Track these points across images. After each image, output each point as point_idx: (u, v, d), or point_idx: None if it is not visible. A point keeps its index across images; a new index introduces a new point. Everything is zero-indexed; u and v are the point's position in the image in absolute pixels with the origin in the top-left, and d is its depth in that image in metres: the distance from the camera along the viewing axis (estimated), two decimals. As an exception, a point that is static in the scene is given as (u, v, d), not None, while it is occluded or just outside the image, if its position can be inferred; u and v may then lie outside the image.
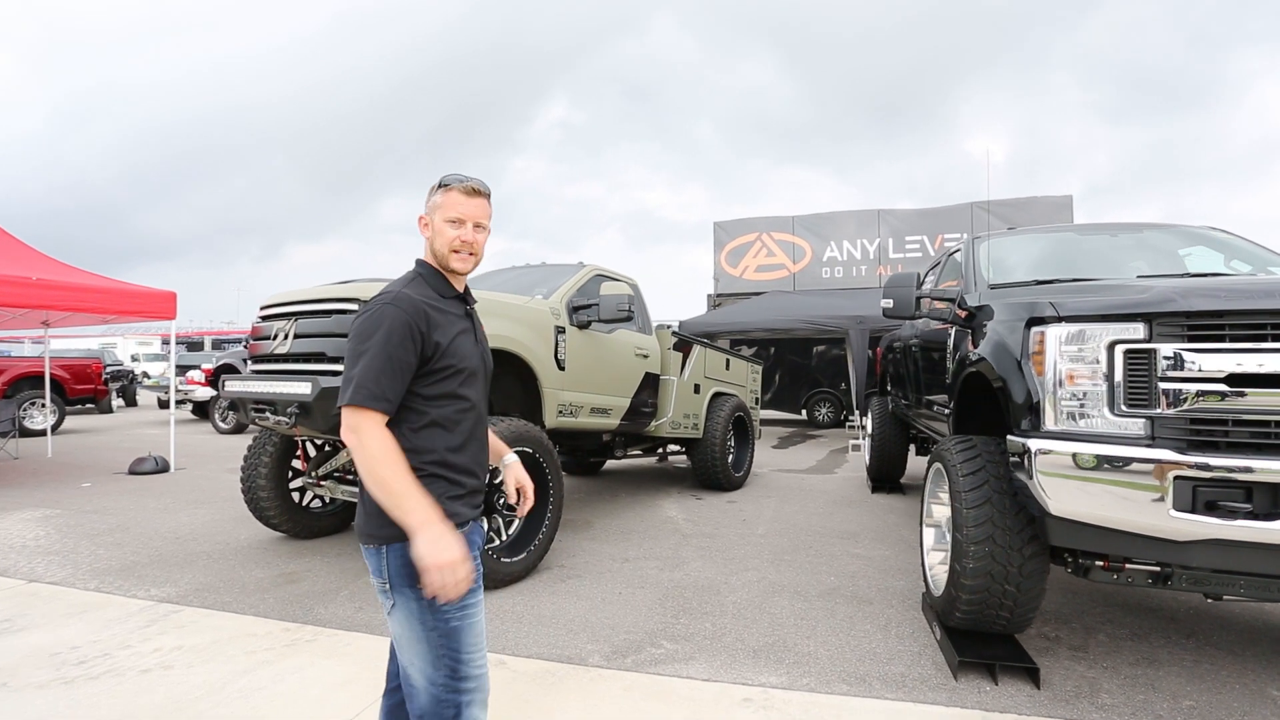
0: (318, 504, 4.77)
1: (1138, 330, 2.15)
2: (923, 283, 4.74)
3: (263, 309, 3.98)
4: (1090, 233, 3.98)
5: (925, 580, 3.17)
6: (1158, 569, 2.38)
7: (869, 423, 6.99)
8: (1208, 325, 2.10)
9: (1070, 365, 2.25)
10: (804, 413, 14.58)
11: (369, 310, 1.43)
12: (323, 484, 4.26)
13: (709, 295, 17.44)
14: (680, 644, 2.90)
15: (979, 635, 2.75)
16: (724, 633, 3.02)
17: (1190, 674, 2.67)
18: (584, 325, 4.70)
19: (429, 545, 1.31)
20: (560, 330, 4.48)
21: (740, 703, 2.39)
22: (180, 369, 12.69)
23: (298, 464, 4.56)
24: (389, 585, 1.40)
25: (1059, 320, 2.30)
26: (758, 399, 8.26)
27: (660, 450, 6.88)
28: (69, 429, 12.17)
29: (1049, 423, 2.28)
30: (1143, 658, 2.81)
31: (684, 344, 6.27)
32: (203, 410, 12.92)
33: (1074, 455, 2.17)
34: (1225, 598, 2.50)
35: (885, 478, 6.64)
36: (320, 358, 3.50)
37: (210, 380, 11.95)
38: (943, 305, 3.67)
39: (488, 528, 3.68)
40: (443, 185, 1.53)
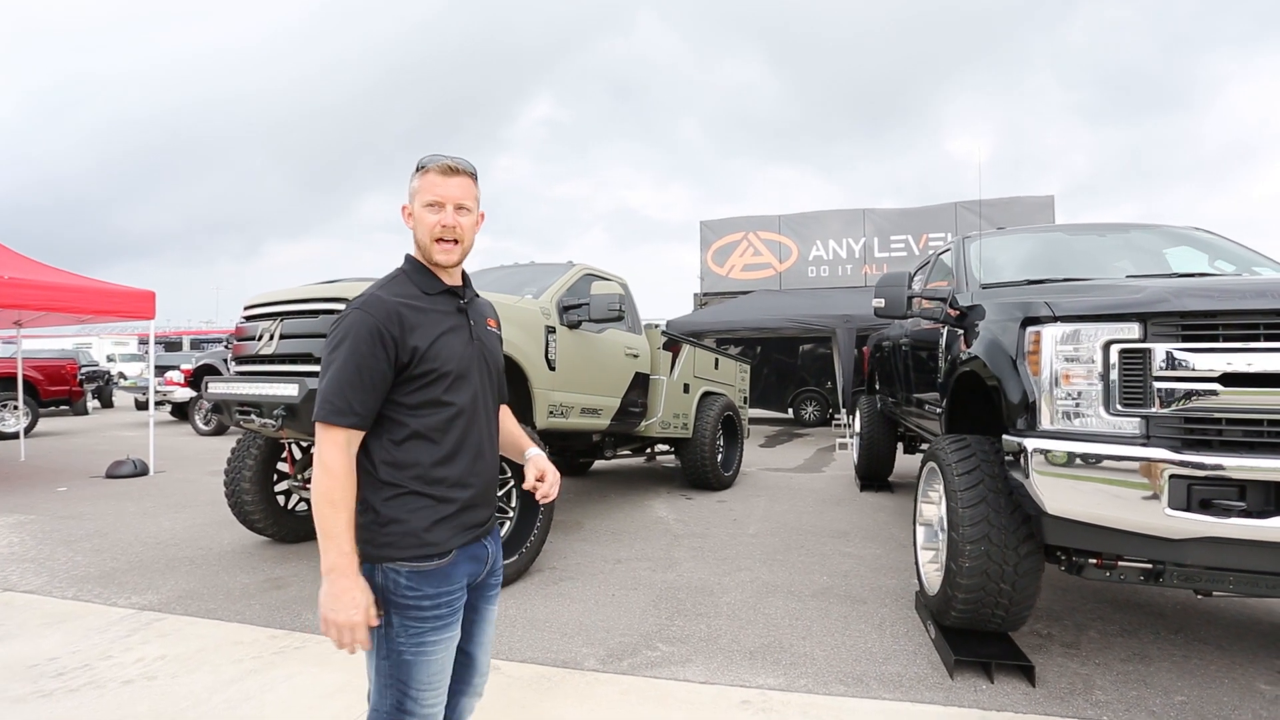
0: (303, 507, 4.69)
1: (1133, 330, 2.16)
2: (911, 282, 4.75)
3: (247, 309, 3.90)
4: (1078, 233, 4.02)
5: (919, 579, 3.18)
6: (1149, 566, 2.39)
7: (857, 421, 7.02)
8: (1201, 325, 2.12)
9: (1066, 365, 2.25)
10: (790, 411, 14.64)
11: (341, 315, 1.35)
12: (309, 487, 4.18)
13: (695, 294, 17.46)
14: (676, 646, 2.88)
15: (973, 633, 2.76)
16: (719, 634, 3.01)
17: (1180, 669, 2.70)
18: (574, 325, 4.67)
19: (328, 598, 1.25)
20: (550, 330, 4.44)
21: (739, 705, 2.38)
22: (159, 369, 12.46)
23: (283, 466, 4.48)
24: None
25: (1054, 320, 2.30)
26: (746, 398, 8.27)
27: (649, 450, 6.86)
28: (43, 431, 11.90)
29: (1045, 422, 2.29)
30: (1134, 654, 2.84)
31: (673, 343, 6.25)
32: (182, 411, 12.70)
33: (1070, 454, 2.17)
34: (1214, 594, 2.53)
35: (874, 476, 6.66)
36: (307, 359, 3.43)
37: (190, 381, 11.74)
38: (934, 305, 3.68)
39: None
40: (419, 168, 1.40)
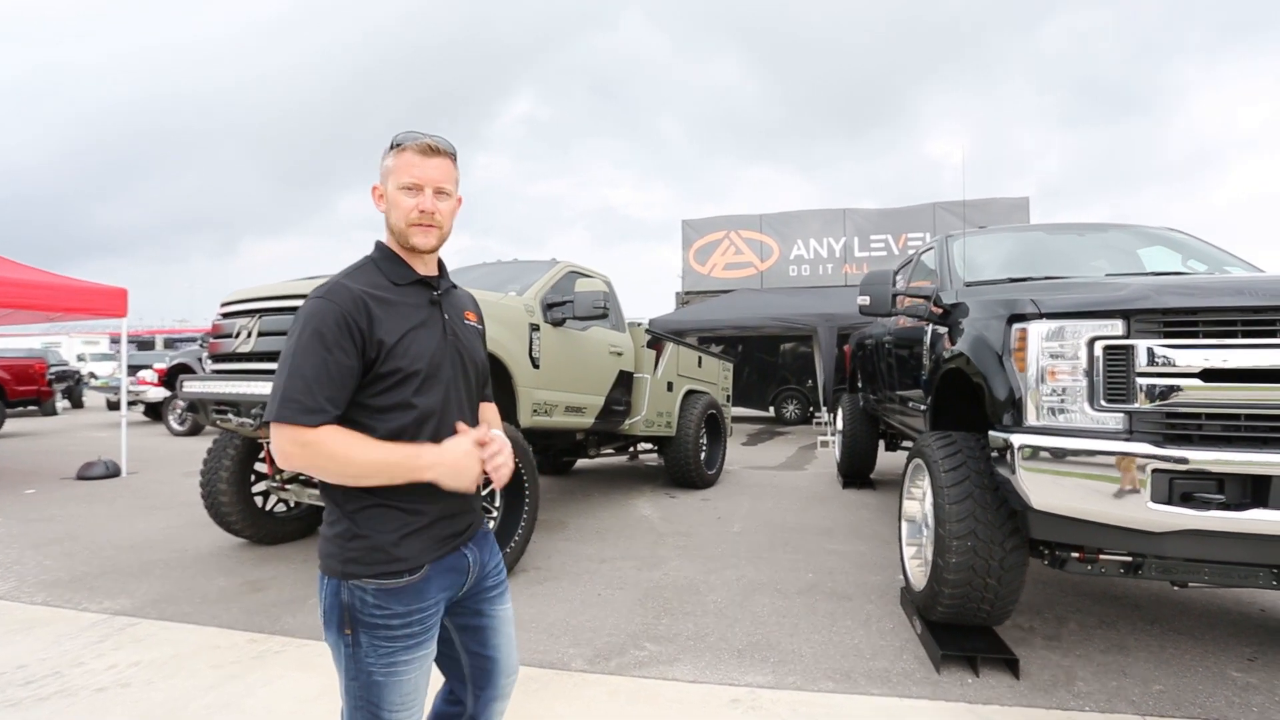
0: (282, 508, 4.61)
1: (1116, 327, 2.19)
2: (896, 281, 4.79)
3: (224, 305, 3.82)
4: (1058, 232, 4.07)
5: (905, 575, 3.19)
6: (1129, 559, 2.43)
7: (840, 419, 7.06)
8: (1182, 322, 2.15)
9: (1051, 361, 2.27)
10: (772, 410, 14.72)
11: (301, 306, 1.23)
12: (288, 488, 4.11)
13: (677, 293, 17.48)
14: (664, 645, 2.86)
15: (958, 628, 2.79)
16: (707, 633, 3.00)
17: (1157, 659, 2.75)
18: (558, 323, 4.63)
19: (453, 475, 1.23)
20: (534, 328, 4.40)
21: (728, 704, 2.37)
22: (131, 369, 12.19)
23: (261, 467, 4.40)
24: (323, 619, 1.26)
25: (1040, 317, 2.32)
26: (729, 396, 8.29)
27: (631, 449, 6.85)
28: (10, 432, 11.58)
29: (1031, 418, 2.31)
30: (1112, 645, 2.88)
31: (657, 342, 6.24)
32: (156, 412, 12.44)
33: (1056, 450, 2.19)
34: (1189, 585, 2.58)
35: (856, 474, 6.71)
36: (287, 357, 3.37)
37: (164, 380, 11.50)
38: (917, 302, 3.71)
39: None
40: (395, 146, 1.29)
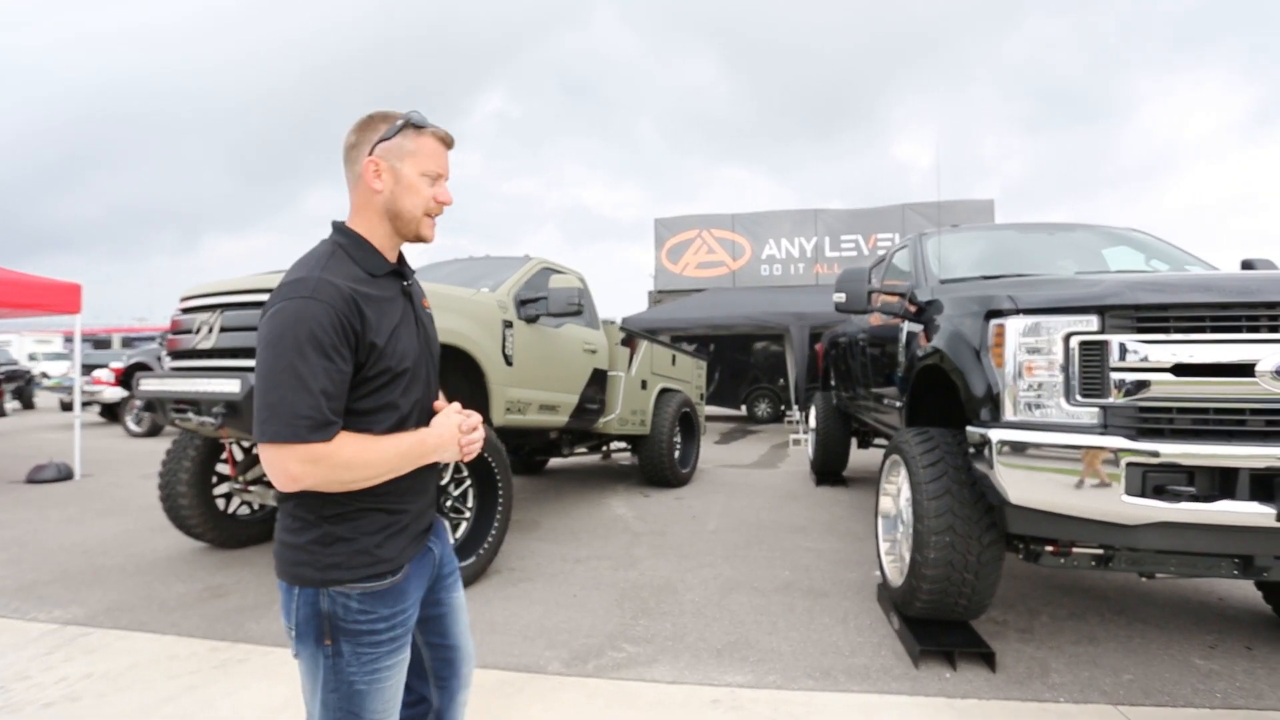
0: (245, 511, 4.46)
1: (1091, 322, 2.21)
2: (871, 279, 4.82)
3: (184, 300, 3.67)
4: (1028, 231, 4.14)
5: (881, 571, 3.20)
6: (1101, 552, 2.47)
7: (812, 417, 7.11)
8: (1154, 317, 2.18)
9: (1028, 356, 2.29)
10: (744, 408, 14.80)
11: (280, 308, 1.07)
12: (251, 489, 3.97)
13: (650, 292, 17.48)
14: (642, 646, 2.83)
15: (935, 623, 2.80)
16: (685, 632, 2.97)
17: (1125, 649, 2.80)
18: (532, 319, 4.56)
19: (454, 450, 1.23)
20: (508, 324, 4.33)
21: (709, 704, 2.34)
22: (86, 368, 11.74)
23: (223, 468, 4.25)
24: (295, 633, 1.16)
25: (1017, 313, 2.34)
26: (703, 395, 8.29)
27: (604, 447, 6.81)
28: (-47, 435, 11.07)
29: (1008, 413, 2.32)
30: (1083, 636, 2.93)
31: (631, 339, 6.21)
32: (112, 412, 12.01)
33: (1033, 444, 2.21)
34: (1157, 576, 2.63)
35: (829, 471, 6.76)
36: (250, 353, 3.24)
37: (121, 380, 11.10)
38: (892, 300, 3.73)
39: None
40: (414, 125, 1.17)
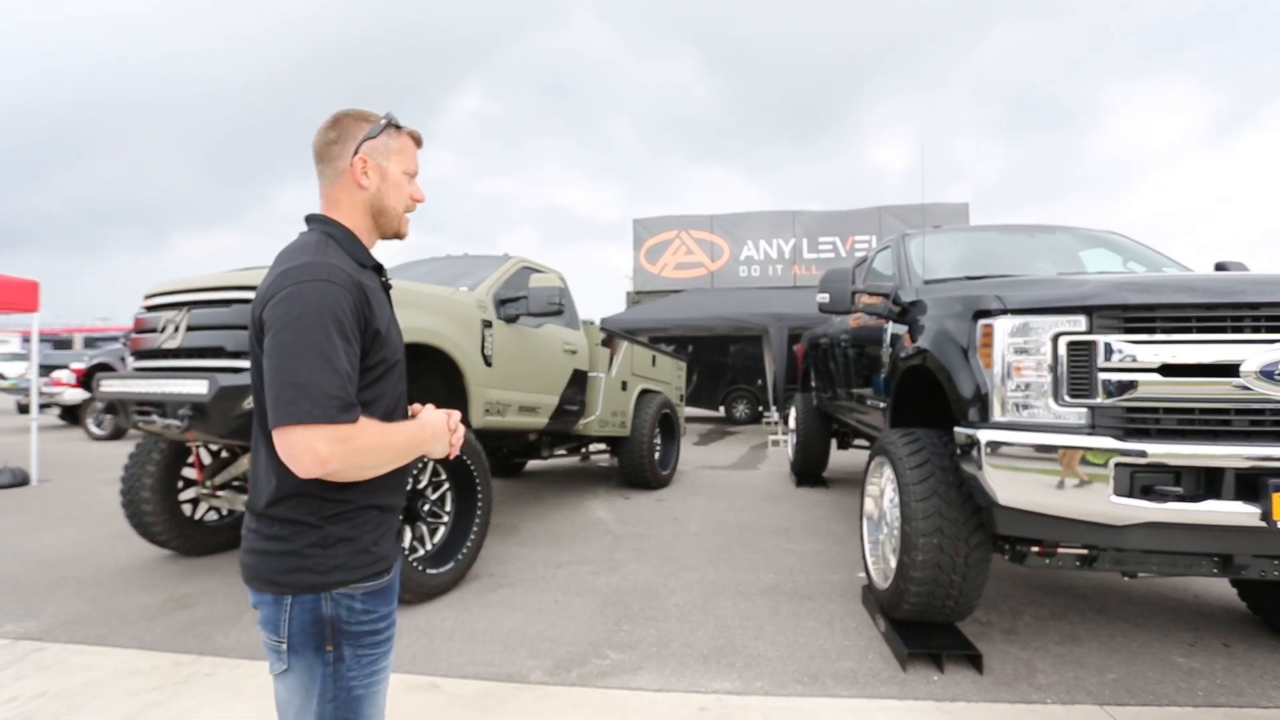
0: (213, 516, 4.30)
1: (1079, 322, 2.21)
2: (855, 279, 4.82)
3: (148, 298, 3.52)
4: (1009, 233, 4.16)
5: (867, 573, 3.18)
6: (1085, 552, 2.47)
7: (792, 418, 7.11)
8: (1141, 318, 2.18)
9: (1016, 357, 2.28)
10: (722, 409, 14.81)
11: (294, 290, 1.07)
12: (220, 494, 3.83)
13: (628, 293, 17.43)
14: (626, 653, 2.76)
15: (921, 625, 2.78)
16: (670, 638, 2.91)
17: (1108, 648, 2.82)
18: (512, 319, 4.48)
19: (443, 446, 1.26)
20: (487, 324, 4.24)
21: (697, 712, 2.29)
22: (45, 369, 11.34)
23: (190, 472, 4.09)
24: (286, 645, 1.11)
25: (1005, 313, 2.32)
26: (683, 396, 8.26)
27: (583, 449, 6.73)
28: (-99, 439, 10.61)
29: (996, 414, 2.31)
30: (1066, 636, 2.94)
31: (611, 340, 6.14)
32: (73, 415, 11.61)
33: (1022, 445, 2.20)
34: (1139, 575, 2.64)
35: (809, 472, 6.76)
36: (218, 353, 3.12)
37: (82, 381, 10.74)
38: (875, 301, 3.72)
39: (411, 536, 3.40)
40: (395, 125, 1.23)
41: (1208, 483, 2.10)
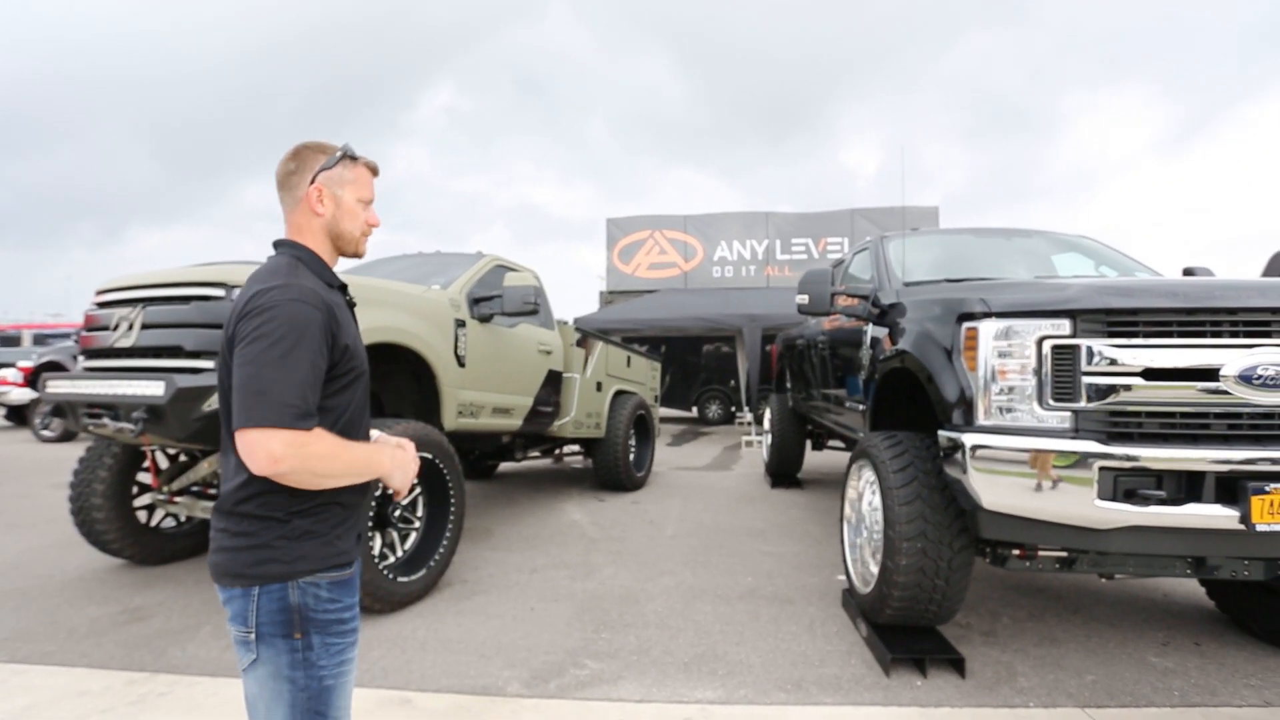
0: (171, 523, 4.11)
1: (1063, 326, 2.20)
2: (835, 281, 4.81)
3: (100, 293, 3.34)
4: (985, 236, 4.19)
5: (848, 577, 3.16)
6: (1065, 554, 2.47)
7: (767, 419, 7.11)
8: (1124, 322, 2.19)
9: (1000, 360, 2.27)
10: (695, 410, 14.81)
11: (274, 307, 1.17)
12: (177, 500, 3.65)
13: (601, 292, 17.34)
14: (606, 662, 2.69)
15: (903, 629, 2.76)
16: (650, 645, 2.85)
17: (1085, 649, 2.83)
18: (486, 319, 4.37)
19: (404, 478, 1.33)
20: (460, 324, 4.13)
21: (680, 723, 2.23)
22: (-13, 368, 10.83)
23: (145, 477, 3.90)
24: (254, 635, 1.18)
25: (989, 316, 2.31)
26: (657, 396, 8.21)
27: (556, 450, 6.63)
28: None
29: (981, 417, 2.29)
30: (1044, 637, 2.95)
31: (586, 340, 6.06)
32: (20, 416, 11.12)
33: (1007, 449, 2.18)
34: (1116, 576, 2.66)
35: (784, 473, 6.76)
36: (175, 352, 2.96)
37: (30, 380, 10.29)
38: (854, 302, 3.70)
39: (381, 543, 3.28)
40: (350, 156, 1.34)
41: (1188, 486, 2.11)
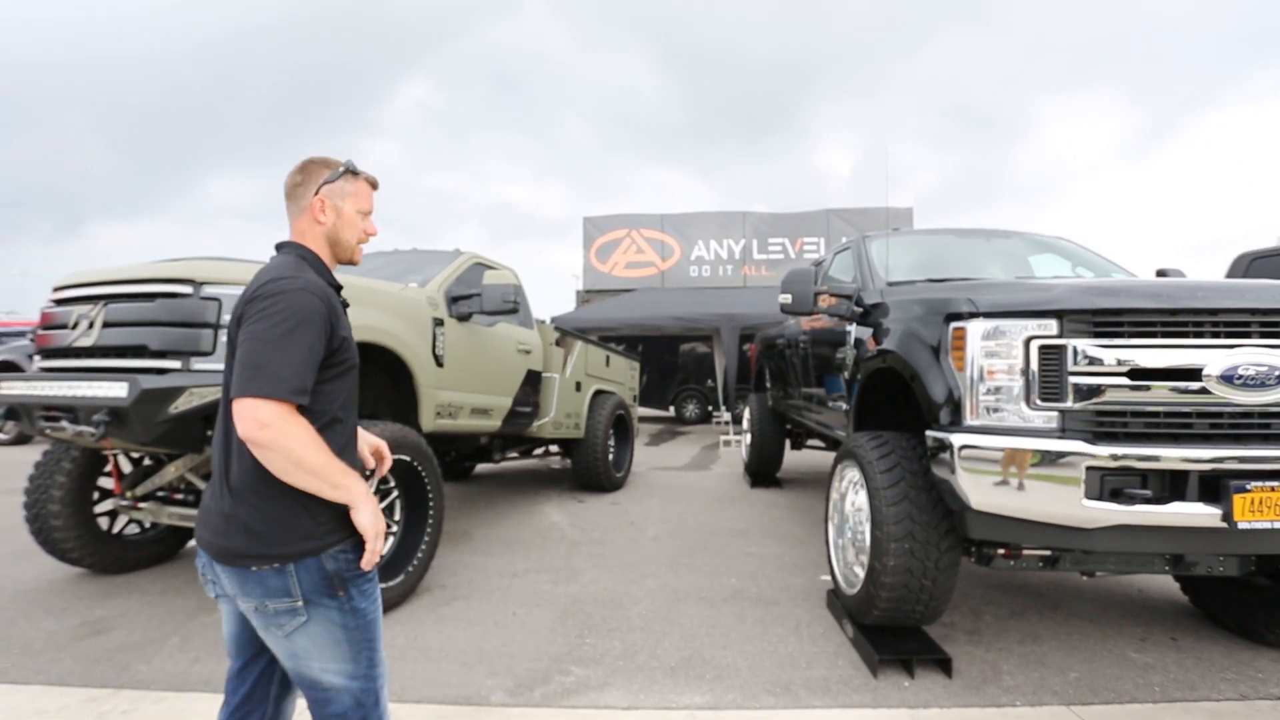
0: (134, 530, 3.96)
1: (1050, 326, 2.21)
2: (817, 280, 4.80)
3: (58, 290, 3.18)
4: (966, 236, 4.22)
5: (834, 578, 3.15)
6: (1049, 553, 2.49)
7: (746, 419, 7.11)
8: (1110, 323, 2.20)
9: (988, 360, 2.26)
10: (672, 409, 14.80)
11: (282, 294, 1.29)
12: (141, 506, 3.50)
13: (578, 291, 17.25)
14: (591, 668, 2.64)
15: (890, 630, 2.76)
16: (636, 650, 2.80)
17: (1067, 646, 2.86)
18: (464, 317, 4.28)
19: (373, 516, 1.33)
20: (438, 323, 4.04)
21: (669, 731, 2.19)
22: (-64, 368, 10.36)
23: (107, 483, 3.74)
24: (302, 602, 1.30)
25: (977, 316, 2.31)
26: (636, 396, 8.17)
27: (535, 451, 6.56)
28: None
29: (969, 418, 2.29)
30: (1027, 635, 2.97)
31: (565, 339, 6.00)
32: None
33: (995, 449, 2.18)
34: (1097, 574, 2.69)
35: (764, 473, 6.76)
36: (139, 352, 2.83)
37: (-21, 382, 9.85)
38: (836, 302, 3.70)
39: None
40: (352, 171, 1.48)
41: (1173, 485, 2.13)
